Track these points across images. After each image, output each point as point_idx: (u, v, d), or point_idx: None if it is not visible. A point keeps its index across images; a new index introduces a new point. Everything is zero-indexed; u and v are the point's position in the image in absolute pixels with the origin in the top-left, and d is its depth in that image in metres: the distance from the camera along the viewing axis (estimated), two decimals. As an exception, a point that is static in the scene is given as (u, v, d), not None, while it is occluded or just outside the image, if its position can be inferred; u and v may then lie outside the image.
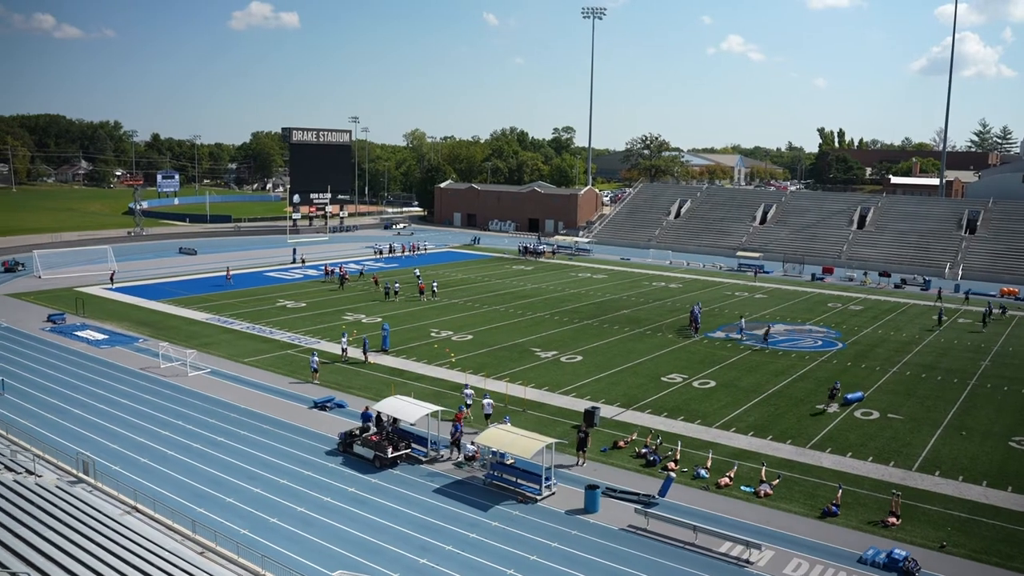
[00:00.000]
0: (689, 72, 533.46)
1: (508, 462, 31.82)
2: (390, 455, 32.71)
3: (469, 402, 39.03)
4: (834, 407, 41.45)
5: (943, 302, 74.23)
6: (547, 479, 30.50)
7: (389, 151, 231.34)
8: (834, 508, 29.17)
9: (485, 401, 38.34)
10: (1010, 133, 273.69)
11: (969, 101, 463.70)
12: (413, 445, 34.02)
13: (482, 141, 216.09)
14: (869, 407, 41.68)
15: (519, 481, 30.93)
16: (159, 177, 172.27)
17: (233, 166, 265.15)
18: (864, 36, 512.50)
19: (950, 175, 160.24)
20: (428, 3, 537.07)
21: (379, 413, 34.93)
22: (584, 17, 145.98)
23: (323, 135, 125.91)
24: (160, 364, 46.30)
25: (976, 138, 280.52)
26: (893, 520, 28.37)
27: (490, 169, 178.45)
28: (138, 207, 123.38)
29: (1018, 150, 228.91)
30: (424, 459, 33.49)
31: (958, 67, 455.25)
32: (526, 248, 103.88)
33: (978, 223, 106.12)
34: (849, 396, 42.69)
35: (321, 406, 39.74)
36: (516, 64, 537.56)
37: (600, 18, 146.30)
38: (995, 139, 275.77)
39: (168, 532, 25.50)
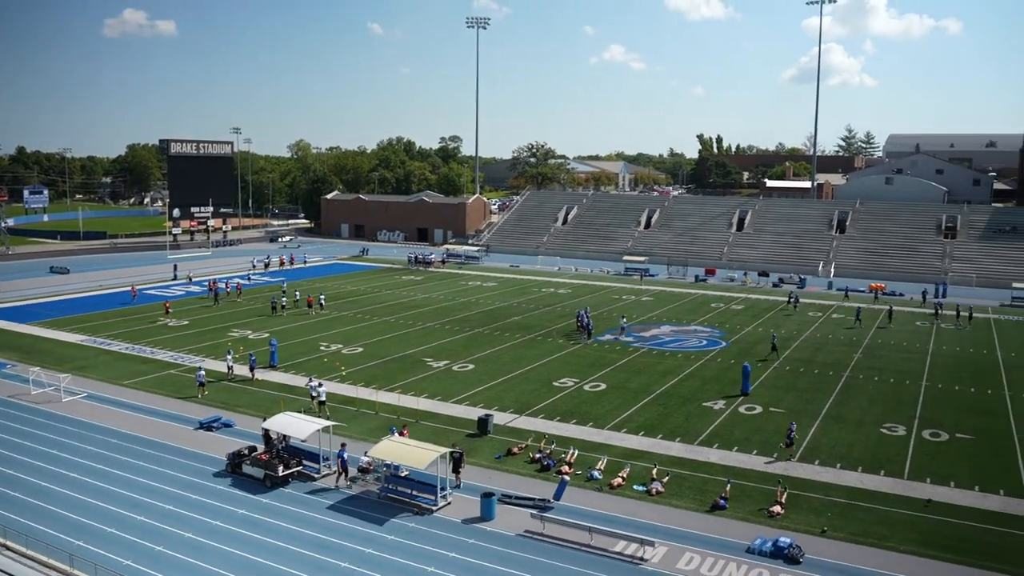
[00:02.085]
0: (573, 81, 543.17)
1: (403, 474, 31.59)
2: (281, 473, 31.97)
3: (322, 398, 40.41)
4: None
5: (849, 300, 78.54)
6: (443, 489, 30.43)
7: (273, 162, 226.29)
8: (722, 501, 30.15)
9: (313, 383, 41.55)
10: (873, 138, 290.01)
11: (836, 108, 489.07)
12: (305, 462, 33.35)
13: (369, 151, 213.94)
14: (753, 402, 43.29)
15: (414, 493, 30.74)
16: (26, 193, 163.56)
17: (108, 180, 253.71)
18: (739, 47, 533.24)
19: (821, 178, 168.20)
20: (311, 12, 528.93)
21: (268, 431, 34.12)
22: (468, 27, 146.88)
23: (203, 147, 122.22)
24: (31, 390, 43.86)
25: (843, 143, 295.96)
26: (778, 509, 29.54)
27: (377, 179, 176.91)
28: (3, 224, 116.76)
29: (881, 154, 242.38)
30: (317, 476, 32.89)
31: (825, 76, 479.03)
32: (416, 258, 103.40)
33: (847, 223, 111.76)
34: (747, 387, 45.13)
35: (207, 426, 38.51)
36: (402, 74, 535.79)
37: (484, 28, 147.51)
38: (860, 143, 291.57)
39: (43, 569, 24.19)
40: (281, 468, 32.07)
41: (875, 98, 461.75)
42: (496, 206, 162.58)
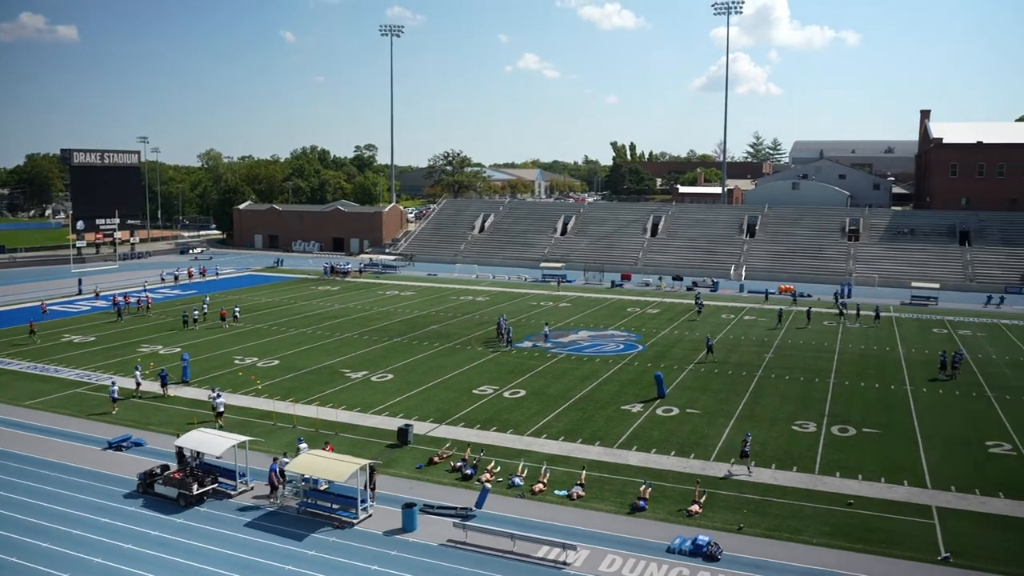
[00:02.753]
0: (488, 89, 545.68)
1: (322, 488, 31.09)
2: (195, 492, 31.10)
3: (220, 409, 40.13)
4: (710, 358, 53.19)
5: (769, 302, 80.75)
6: (363, 501, 30.05)
7: (183, 172, 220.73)
8: (642, 503, 30.57)
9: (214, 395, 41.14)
10: (780, 145, 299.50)
11: (744, 116, 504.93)
12: (220, 479, 32.50)
13: (282, 160, 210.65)
14: (669, 404, 44.05)
15: (334, 506, 30.29)
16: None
17: (5, 191, 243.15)
18: (650, 56, 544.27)
19: (731, 184, 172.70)
20: (220, 18, 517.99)
21: (181, 448, 33.16)
22: (382, 34, 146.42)
23: (108, 156, 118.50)
24: (-76, 414, 41.69)
25: (752, 149, 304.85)
26: (696, 509, 30.11)
27: (291, 189, 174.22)
28: None
29: (787, 160, 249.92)
30: (233, 493, 32.08)
31: (733, 85, 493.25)
32: (332, 268, 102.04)
33: (757, 227, 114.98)
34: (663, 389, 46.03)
35: (116, 446, 37.14)
36: (316, 82, 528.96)
37: (398, 36, 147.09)
38: (768, 150, 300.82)
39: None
40: (195, 486, 31.19)
41: (781, 106, 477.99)
42: (413, 215, 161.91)
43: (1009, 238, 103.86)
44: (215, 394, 41.74)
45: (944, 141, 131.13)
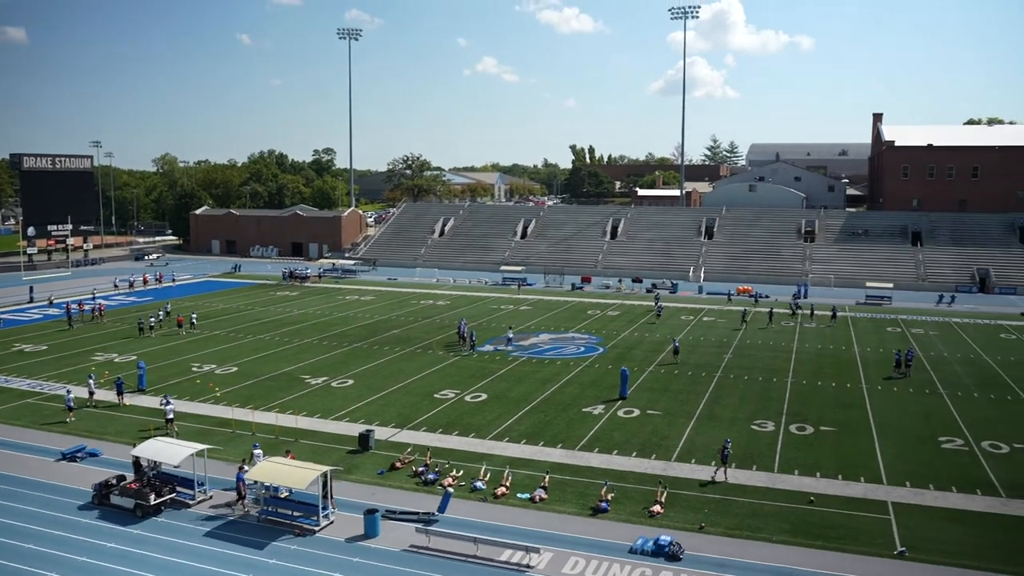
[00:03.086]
0: (447, 93, 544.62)
1: (283, 495, 30.78)
2: (153, 502, 30.59)
3: (170, 416, 39.70)
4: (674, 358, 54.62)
5: (732, 303, 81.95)
6: (325, 508, 29.81)
7: (137, 177, 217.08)
8: (604, 504, 30.71)
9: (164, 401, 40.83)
10: (737, 147, 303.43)
11: (702, 119, 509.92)
12: (178, 488, 32.01)
13: (240, 165, 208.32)
14: (631, 405, 44.33)
15: (295, 514, 30.00)
16: None
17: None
18: (608, 60, 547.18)
19: (689, 186, 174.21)
20: (174, 20, 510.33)
21: (138, 458, 32.62)
22: (340, 38, 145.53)
23: (60, 161, 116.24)
24: None
25: (709, 152, 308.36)
26: (658, 509, 30.33)
27: (249, 193, 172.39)
28: None
29: (744, 162, 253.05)
30: (191, 502, 31.63)
31: (690, 88, 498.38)
32: (291, 273, 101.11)
33: (715, 229, 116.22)
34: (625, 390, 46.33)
35: (71, 457, 36.39)
36: (273, 85, 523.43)
37: (356, 39, 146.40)
38: (725, 153, 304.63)
39: None
40: (153, 496, 30.69)
41: (737, 109, 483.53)
42: (372, 219, 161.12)
43: (959, 238, 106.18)
44: (165, 401, 41.34)
45: (896, 144, 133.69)
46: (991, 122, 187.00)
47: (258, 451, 34.50)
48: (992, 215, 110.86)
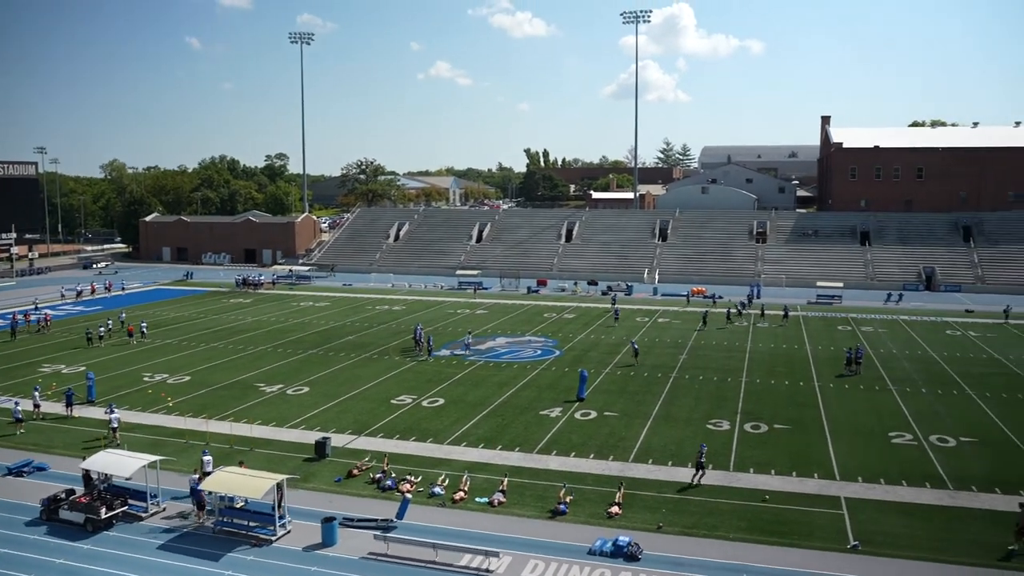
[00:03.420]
0: (401, 97, 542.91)
1: (238, 505, 30.35)
2: (104, 516, 29.94)
3: (114, 425, 39.10)
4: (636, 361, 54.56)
5: (690, 304, 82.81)
6: (281, 517, 29.45)
7: (85, 184, 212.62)
8: (562, 507, 30.78)
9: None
10: (689, 150, 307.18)
11: (654, 122, 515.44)
12: (130, 501, 31.37)
13: (190, 171, 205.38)
14: (588, 407, 44.52)
15: (251, 524, 29.59)
16: None
17: None
18: (562, 63, 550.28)
19: (642, 189, 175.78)
20: (120, 23, 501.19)
21: (88, 471, 31.92)
22: (292, 42, 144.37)
23: (3, 168, 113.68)
24: None
25: (662, 155, 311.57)
26: (616, 510, 30.47)
27: (200, 200, 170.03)
28: None
29: (696, 165, 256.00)
30: (144, 515, 31.02)
31: (642, 92, 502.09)
32: (244, 280, 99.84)
33: (668, 231, 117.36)
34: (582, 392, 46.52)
35: (17, 472, 35.43)
36: (225, 89, 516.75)
37: (308, 43, 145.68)
38: (678, 155, 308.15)
39: None
40: (104, 510, 30.04)
41: (689, 112, 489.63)
42: (326, 224, 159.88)
43: (905, 237, 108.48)
44: (110, 410, 40.70)
45: (844, 145, 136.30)
46: (934, 124, 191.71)
47: (207, 457, 34.00)
48: (937, 215, 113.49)
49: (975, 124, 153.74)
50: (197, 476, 32.04)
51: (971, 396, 47.17)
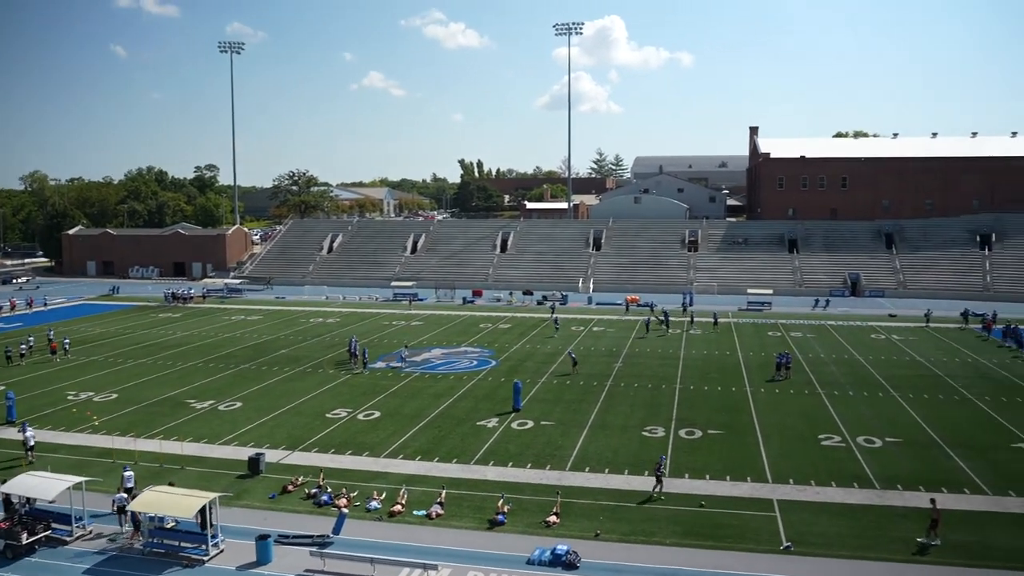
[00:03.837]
0: (334, 107, 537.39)
1: (169, 525, 29.58)
2: (25, 541, 28.85)
3: (31, 444, 38.24)
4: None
5: (629, 313, 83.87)
6: (214, 536, 28.78)
7: (4, 196, 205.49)
8: (500, 517, 30.73)
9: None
10: (622, 161, 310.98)
11: (587, 133, 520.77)
12: (54, 525, 30.30)
13: (116, 182, 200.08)
14: (524, 417, 44.59)
15: (182, 544, 28.85)
16: None
17: None
18: (495, 75, 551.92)
19: (576, 199, 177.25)
20: (40, 30, 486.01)
21: (8, 495, 30.75)
22: (222, 51, 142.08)
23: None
24: None
25: (595, 165, 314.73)
26: (554, 519, 30.55)
27: (127, 212, 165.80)
28: None
29: (629, 175, 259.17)
30: (69, 539, 30.00)
31: (576, 103, 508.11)
32: (173, 294, 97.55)
33: (602, 240, 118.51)
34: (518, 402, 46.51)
35: (-68, 497, 34.02)
36: (152, 99, 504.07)
37: (239, 52, 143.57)
38: (611, 166, 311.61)
39: None
40: (25, 535, 28.95)
41: (622, 123, 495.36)
42: (258, 236, 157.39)
43: (831, 245, 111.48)
44: (23, 428, 39.33)
45: (771, 156, 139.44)
46: (857, 135, 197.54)
47: (128, 473, 33.06)
48: (861, 222, 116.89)
49: (895, 135, 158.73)
50: (124, 495, 31.13)
51: (895, 398, 48.65)
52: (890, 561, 27.17)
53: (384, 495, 33.11)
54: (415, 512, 31.73)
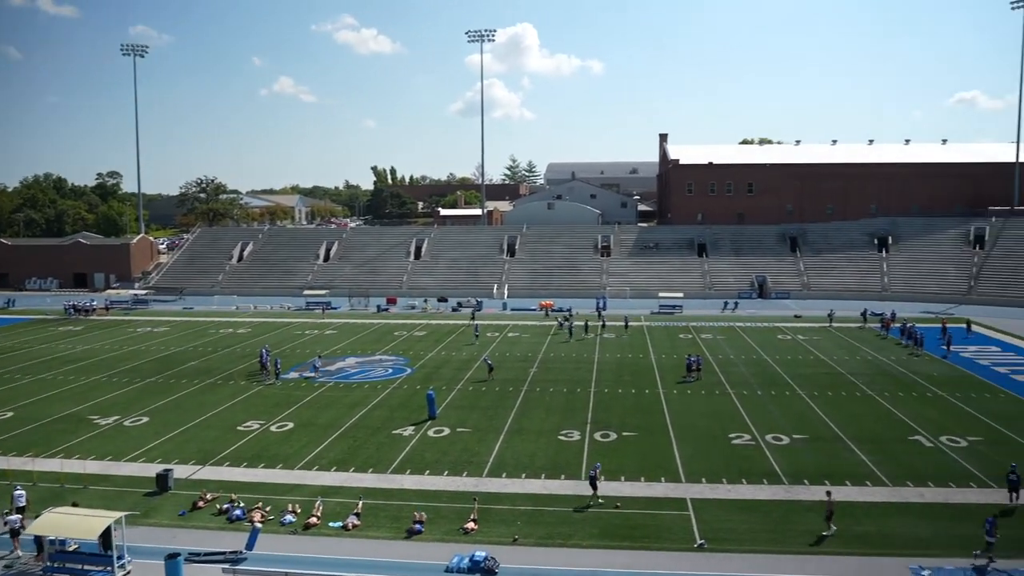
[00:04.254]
0: (243, 113, 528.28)
1: (71, 548, 28.40)
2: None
3: None
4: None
5: (549, 318, 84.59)
6: (120, 557, 27.76)
7: None
8: (418, 526, 30.51)
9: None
10: (535, 167, 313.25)
11: (501, 139, 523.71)
12: (-54, 551, 28.83)
13: (11, 190, 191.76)
14: (440, 425, 44.42)
15: (86, 567, 27.74)
16: None
17: None
18: (408, 81, 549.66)
19: (490, 205, 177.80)
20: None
21: None
22: (124, 54, 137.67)
23: None
24: None
25: (509, 171, 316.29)
26: (472, 526, 30.49)
27: (23, 221, 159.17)
28: None
29: (542, 181, 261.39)
30: (-38, 564, 28.55)
31: (489, 110, 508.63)
32: (75, 306, 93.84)
33: (516, 246, 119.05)
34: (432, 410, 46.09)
35: None
36: (49, 103, 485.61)
37: (142, 56, 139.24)
38: (524, 172, 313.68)
39: None
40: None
41: (534, 130, 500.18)
42: (164, 245, 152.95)
43: (739, 248, 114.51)
44: None
45: (681, 162, 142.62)
46: (762, 142, 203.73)
47: (19, 491, 31.68)
48: (766, 227, 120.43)
49: (797, 142, 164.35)
50: (17, 516, 29.73)
51: (801, 396, 50.26)
52: (795, 554, 28.04)
53: (299, 508, 32.52)
54: (331, 524, 31.24)
